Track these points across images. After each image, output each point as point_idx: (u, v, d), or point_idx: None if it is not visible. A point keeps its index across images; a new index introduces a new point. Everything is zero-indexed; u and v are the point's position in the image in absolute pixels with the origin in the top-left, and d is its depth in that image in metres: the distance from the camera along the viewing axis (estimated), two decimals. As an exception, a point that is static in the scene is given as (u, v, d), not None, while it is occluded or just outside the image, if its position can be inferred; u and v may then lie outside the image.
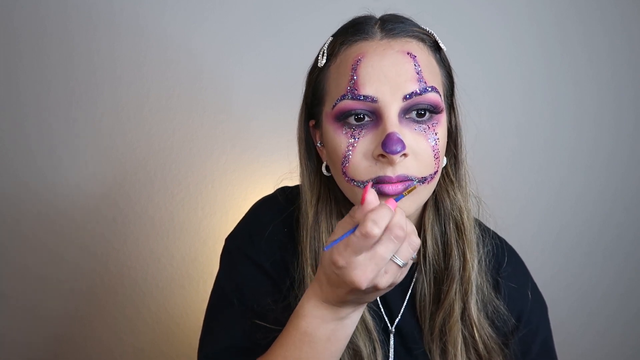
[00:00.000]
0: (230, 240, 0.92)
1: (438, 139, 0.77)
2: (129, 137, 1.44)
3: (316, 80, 0.83)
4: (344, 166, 0.77)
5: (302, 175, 0.88)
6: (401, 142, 0.73)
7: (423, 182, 0.77)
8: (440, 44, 0.81)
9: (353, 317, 0.74)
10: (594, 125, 1.64)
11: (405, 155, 0.75)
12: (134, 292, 1.45)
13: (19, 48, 1.40)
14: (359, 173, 0.76)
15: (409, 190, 0.73)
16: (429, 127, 0.77)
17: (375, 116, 0.76)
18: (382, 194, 0.75)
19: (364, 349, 0.83)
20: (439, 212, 0.87)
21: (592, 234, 1.65)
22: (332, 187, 0.85)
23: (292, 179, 0.95)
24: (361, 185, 0.77)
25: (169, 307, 1.46)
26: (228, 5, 1.46)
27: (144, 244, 1.45)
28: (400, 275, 0.69)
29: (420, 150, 0.76)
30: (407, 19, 0.82)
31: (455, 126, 0.86)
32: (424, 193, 0.79)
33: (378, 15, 0.85)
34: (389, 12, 0.85)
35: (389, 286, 0.68)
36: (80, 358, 1.45)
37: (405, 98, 0.75)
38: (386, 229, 0.65)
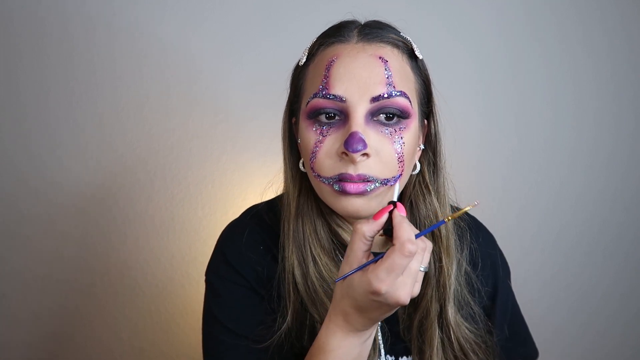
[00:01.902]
0: (209, 273, 0.91)
1: (404, 143, 0.79)
2: (129, 137, 1.44)
3: (297, 78, 0.86)
4: (311, 162, 0.80)
5: (285, 170, 0.90)
6: (362, 141, 0.75)
7: (385, 184, 0.79)
8: (416, 53, 0.83)
9: (373, 332, 0.76)
10: (594, 125, 1.64)
11: (367, 155, 0.77)
12: (134, 292, 1.45)
13: (19, 49, 1.40)
14: (324, 169, 0.79)
15: (452, 216, 0.73)
16: (395, 131, 0.79)
17: (344, 115, 0.78)
18: (344, 192, 0.78)
19: None
20: (414, 219, 0.89)
21: (592, 234, 1.65)
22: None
23: (275, 184, 0.96)
24: (325, 181, 0.79)
25: (169, 307, 1.46)
26: (227, 5, 1.46)
27: (144, 244, 1.45)
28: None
29: (384, 153, 0.78)
30: (388, 26, 0.85)
31: (435, 134, 0.88)
32: (386, 196, 0.80)
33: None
34: (374, 19, 0.87)
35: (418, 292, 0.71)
36: (80, 358, 1.45)
37: (372, 100, 0.77)
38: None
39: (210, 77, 1.46)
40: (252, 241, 0.88)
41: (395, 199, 0.73)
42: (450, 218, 0.73)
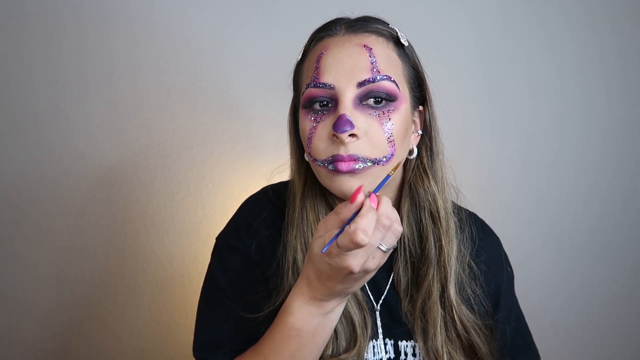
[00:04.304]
0: (219, 238, 0.98)
1: (393, 124, 0.83)
2: (129, 137, 1.44)
3: (296, 75, 0.93)
4: (308, 147, 0.86)
5: (291, 162, 0.96)
6: (349, 122, 0.80)
7: (377, 164, 0.83)
8: (401, 40, 0.88)
9: (337, 311, 0.81)
10: (603, 122, 1.64)
11: (355, 136, 0.82)
12: (134, 292, 1.45)
13: (21, 49, 1.40)
14: (319, 152, 0.84)
15: (394, 169, 0.79)
16: (383, 113, 0.84)
17: (335, 102, 0.84)
18: (337, 171, 0.82)
19: (356, 317, 0.89)
20: (413, 202, 0.93)
21: (604, 233, 1.65)
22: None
23: (284, 172, 1.00)
24: (321, 164, 0.84)
25: (169, 307, 1.46)
26: (228, 4, 1.47)
27: (144, 244, 1.45)
28: (384, 259, 0.76)
29: (373, 133, 0.82)
30: (374, 18, 0.91)
31: (430, 120, 0.92)
32: (379, 176, 0.84)
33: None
34: (369, 14, 0.92)
35: (375, 269, 0.75)
36: (80, 358, 1.45)
37: (359, 85, 0.83)
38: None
39: (211, 77, 1.47)
40: (263, 217, 0.94)
41: (375, 191, 0.76)
42: (392, 171, 0.79)
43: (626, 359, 1.68)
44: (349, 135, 0.81)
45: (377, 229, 0.72)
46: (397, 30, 0.89)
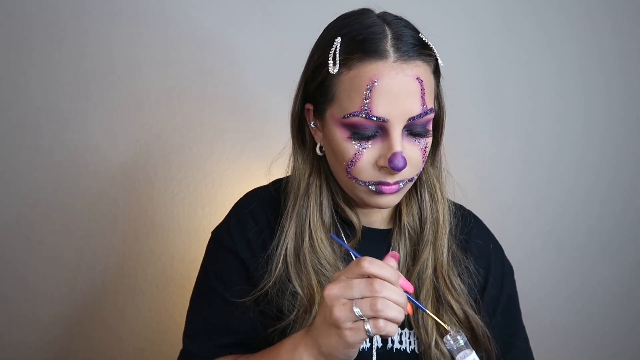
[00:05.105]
0: (214, 231, 1.00)
1: (427, 142, 0.88)
2: (129, 137, 1.44)
3: (325, 78, 0.87)
4: (349, 167, 0.86)
5: (294, 150, 0.96)
6: (404, 159, 0.83)
7: (412, 180, 0.89)
8: (439, 63, 0.89)
9: None
10: (603, 122, 1.64)
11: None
12: (134, 292, 1.45)
13: (19, 50, 1.40)
14: (362, 175, 0.86)
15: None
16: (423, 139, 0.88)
17: (382, 131, 0.85)
18: (380, 193, 0.87)
19: None
20: (414, 185, 0.96)
21: (603, 233, 1.65)
22: (323, 165, 0.94)
23: (281, 164, 1.00)
24: (362, 184, 0.87)
25: (169, 307, 1.46)
26: (230, 3, 1.46)
27: (143, 244, 1.45)
28: (359, 337, 0.74)
29: (414, 159, 0.87)
30: (414, 32, 0.88)
31: (439, 110, 0.94)
32: (410, 188, 0.91)
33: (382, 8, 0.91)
34: (395, 12, 0.90)
35: (347, 338, 0.74)
36: (80, 358, 1.45)
37: (410, 120, 0.84)
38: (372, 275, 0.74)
39: (211, 77, 1.47)
40: (255, 208, 0.97)
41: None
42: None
43: (626, 359, 1.68)
44: None
45: (363, 282, 0.73)
46: (437, 56, 0.89)
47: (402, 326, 0.95)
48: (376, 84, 0.82)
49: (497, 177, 1.61)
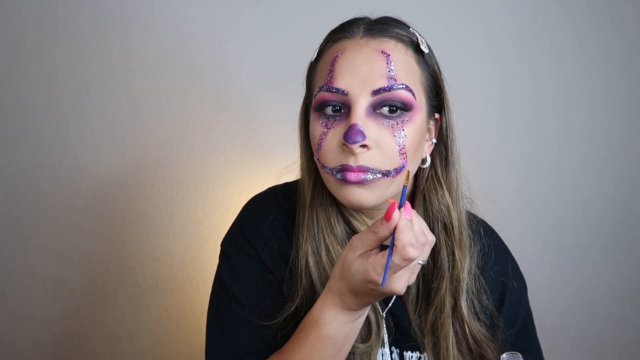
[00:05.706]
0: (225, 242, 0.94)
1: (406, 136, 0.80)
2: (129, 137, 1.44)
3: (309, 75, 0.89)
4: (317, 153, 0.83)
5: (301, 162, 0.93)
6: (361, 133, 0.77)
7: (387, 176, 0.80)
8: (421, 47, 0.85)
9: (365, 312, 0.81)
10: (606, 123, 1.63)
11: (366, 146, 0.79)
12: (134, 292, 1.45)
13: (19, 50, 1.40)
14: (328, 160, 0.82)
15: (406, 179, 0.75)
16: (397, 124, 0.80)
17: (347, 108, 0.81)
18: (345, 181, 0.80)
19: (372, 317, 0.88)
20: (427, 212, 0.90)
21: (607, 234, 1.65)
22: None
23: (292, 172, 0.98)
24: (329, 172, 0.82)
25: (169, 307, 1.46)
26: (228, 4, 1.46)
27: (144, 244, 1.45)
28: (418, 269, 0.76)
29: (385, 145, 0.80)
30: (395, 21, 0.86)
31: (447, 128, 0.89)
32: (389, 188, 0.82)
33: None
34: (386, 15, 0.88)
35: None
36: (80, 358, 1.45)
37: (373, 93, 0.79)
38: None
39: (210, 77, 1.46)
40: (271, 219, 0.92)
41: (402, 202, 0.73)
42: (406, 182, 0.74)
43: (626, 359, 1.68)
44: (360, 146, 0.78)
45: (419, 248, 0.71)
46: (418, 36, 0.85)
47: (416, 349, 0.92)
48: (339, 56, 0.81)
49: (497, 177, 1.60)
